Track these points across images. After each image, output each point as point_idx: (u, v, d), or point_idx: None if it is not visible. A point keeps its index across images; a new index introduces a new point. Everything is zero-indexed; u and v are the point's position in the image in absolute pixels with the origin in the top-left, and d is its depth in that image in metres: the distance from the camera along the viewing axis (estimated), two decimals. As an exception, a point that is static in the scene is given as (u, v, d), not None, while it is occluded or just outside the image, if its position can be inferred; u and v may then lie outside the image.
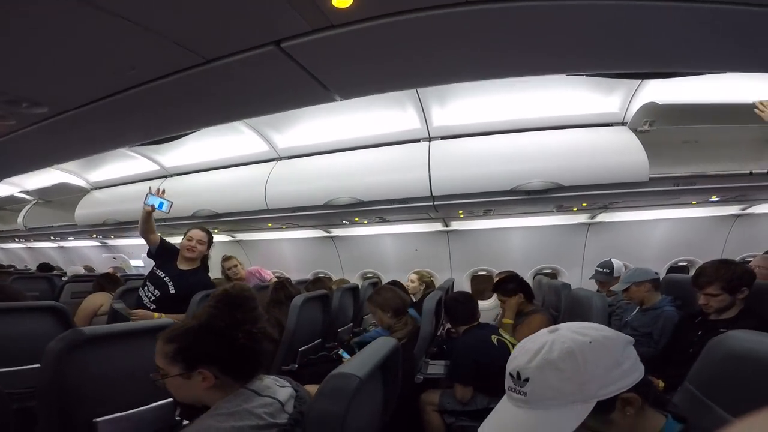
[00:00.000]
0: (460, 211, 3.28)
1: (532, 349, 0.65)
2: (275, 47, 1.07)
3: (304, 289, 2.77)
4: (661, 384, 1.51)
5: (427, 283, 3.63)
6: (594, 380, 0.60)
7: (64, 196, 4.91)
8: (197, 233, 2.45)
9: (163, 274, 2.36)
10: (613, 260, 2.83)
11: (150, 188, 2.38)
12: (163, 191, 2.42)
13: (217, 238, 4.89)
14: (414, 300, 3.18)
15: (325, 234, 4.44)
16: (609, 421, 0.63)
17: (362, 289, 3.49)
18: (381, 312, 2.17)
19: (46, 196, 5.11)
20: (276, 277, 3.79)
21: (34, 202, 5.34)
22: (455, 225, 3.91)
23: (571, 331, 0.65)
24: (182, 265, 2.42)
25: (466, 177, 2.75)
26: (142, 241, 5.24)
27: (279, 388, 0.96)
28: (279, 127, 3.33)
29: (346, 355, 2.34)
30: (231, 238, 4.93)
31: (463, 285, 4.11)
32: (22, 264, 7.38)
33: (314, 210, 3.20)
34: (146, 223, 2.43)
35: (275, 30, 1.01)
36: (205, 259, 2.54)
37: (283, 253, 4.90)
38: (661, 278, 2.26)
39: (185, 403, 1.03)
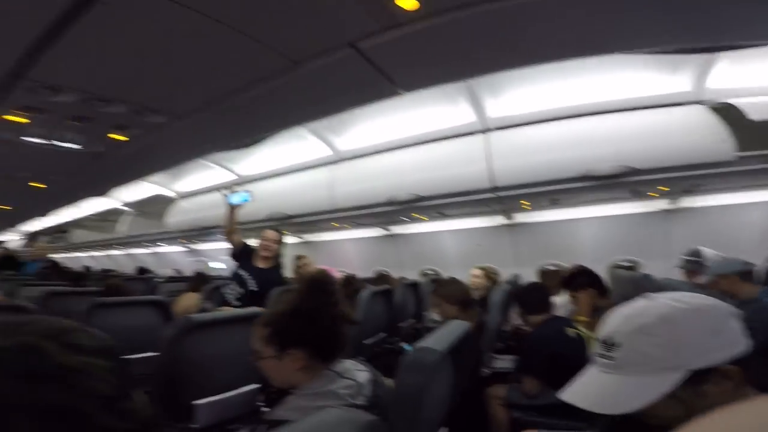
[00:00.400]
0: (524, 202, 3.20)
1: (625, 313, 0.63)
2: (350, 48, 1.17)
3: (369, 285, 2.89)
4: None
5: (492, 280, 3.56)
6: (688, 348, 0.58)
7: (155, 207, 5.56)
8: (270, 233, 2.66)
9: (245, 273, 2.59)
10: (702, 248, 2.58)
11: (226, 192, 2.63)
12: (236, 189, 2.65)
13: (286, 240, 5.24)
14: (476, 297, 3.15)
15: (385, 232, 4.55)
16: (702, 393, 0.58)
17: (423, 285, 3.54)
18: (446, 304, 2.18)
19: (141, 207, 5.82)
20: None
21: (133, 212, 6.10)
22: (519, 218, 3.80)
23: (669, 298, 0.62)
24: (260, 264, 2.64)
25: (530, 166, 2.68)
26: (221, 245, 5.74)
27: (357, 372, 1.01)
28: (338, 130, 3.49)
29: (408, 348, 2.42)
30: (299, 239, 5.23)
31: (529, 281, 3.97)
32: (122, 268, 8.45)
33: (376, 207, 3.31)
34: (231, 221, 2.67)
35: (350, 32, 1.11)
36: (278, 257, 2.74)
37: (346, 253, 5.10)
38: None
39: (277, 386, 1.12)
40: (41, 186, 2.63)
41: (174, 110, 1.51)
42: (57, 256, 7.44)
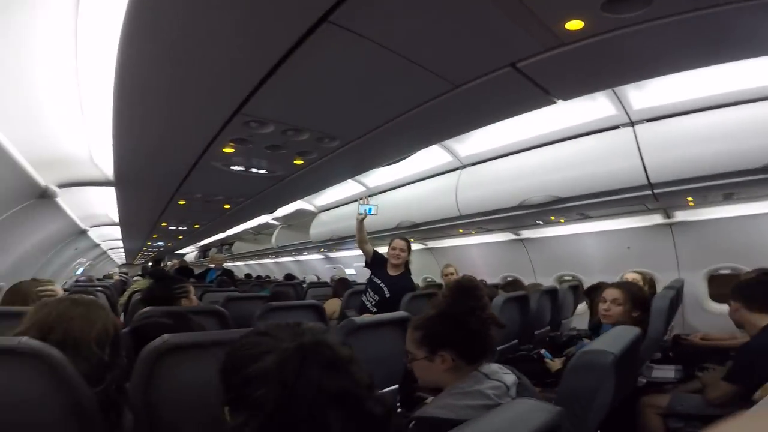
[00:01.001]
0: (689, 198, 2.76)
1: None
2: (511, 68, 1.23)
3: (500, 291, 2.84)
4: None
5: (651, 285, 3.15)
6: None
7: (300, 220, 6.39)
8: (399, 243, 2.87)
9: (379, 281, 2.84)
10: None
11: (359, 200, 2.91)
12: (368, 199, 2.92)
13: (413, 246, 5.46)
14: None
15: (513, 237, 4.39)
16: None
17: (561, 292, 3.32)
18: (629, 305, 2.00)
19: (288, 220, 6.74)
20: (470, 281, 3.97)
21: (281, 226, 7.11)
22: (681, 215, 3.27)
23: None
24: (391, 272, 2.86)
25: (697, 157, 2.33)
26: (354, 253, 6.25)
27: (504, 374, 1.02)
28: (460, 137, 3.53)
29: (548, 355, 2.36)
30: (423, 246, 5.40)
31: (697, 287, 3.37)
32: (272, 274, 9.87)
33: (507, 212, 3.24)
34: (360, 232, 2.95)
35: (511, 53, 1.17)
36: (407, 264, 2.92)
37: (472, 258, 5.06)
38: None
39: (424, 386, 1.20)
40: (228, 207, 3.30)
41: (347, 135, 1.75)
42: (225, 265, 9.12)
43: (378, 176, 4.56)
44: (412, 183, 4.27)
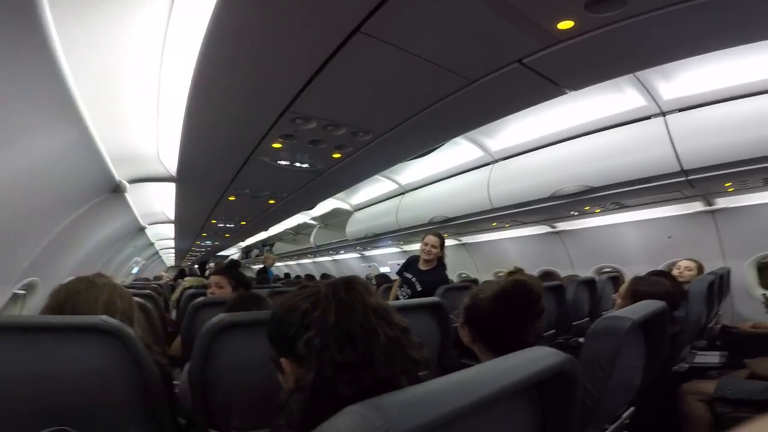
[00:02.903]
0: (727, 183, 2.72)
1: None
2: (518, 64, 1.37)
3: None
4: None
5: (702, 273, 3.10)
6: None
7: (336, 219, 6.63)
8: (430, 239, 3.00)
9: (411, 275, 2.99)
10: None
11: None
12: None
13: (447, 242, 5.54)
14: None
15: (549, 230, 4.39)
16: None
17: (600, 283, 3.30)
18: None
19: (325, 220, 7.01)
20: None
21: (319, 225, 7.40)
22: (723, 202, 3.18)
23: None
24: (422, 266, 3.00)
25: (731, 144, 2.34)
26: (388, 251, 6.36)
27: None
28: (490, 133, 3.62)
29: None
30: (457, 242, 5.47)
31: (745, 275, 3.25)
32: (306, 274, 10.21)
33: (540, 203, 3.29)
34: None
35: (516, 51, 1.32)
36: (441, 258, 3.04)
37: (507, 253, 5.07)
38: None
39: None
40: (272, 202, 3.55)
41: (378, 129, 1.92)
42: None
43: (410, 174, 4.70)
44: (444, 179, 4.39)
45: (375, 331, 0.63)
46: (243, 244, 10.42)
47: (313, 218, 7.06)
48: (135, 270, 9.02)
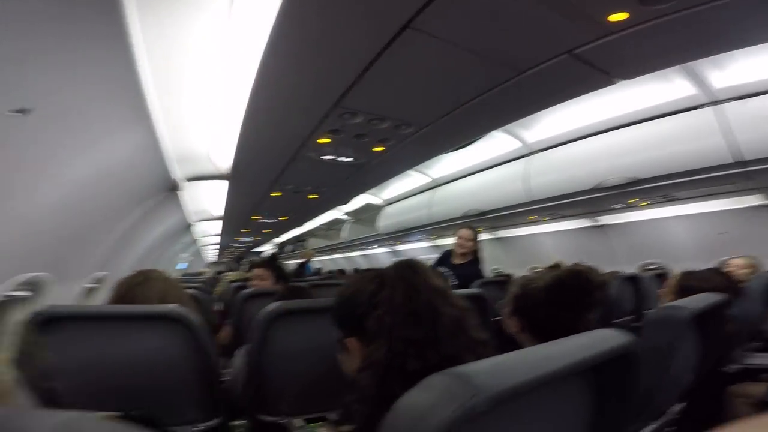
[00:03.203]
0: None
1: None
2: (568, 55, 1.38)
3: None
4: None
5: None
6: None
7: (367, 214, 6.71)
8: (465, 232, 3.00)
9: (446, 270, 2.99)
10: None
11: None
12: None
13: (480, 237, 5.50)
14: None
15: (591, 223, 4.26)
16: None
17: (645, 280, 3.18)
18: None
19: (357, 215, 7.11)
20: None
21: (351, 220, 7.52)
22: (787, 195, 2.99)
23: None
24: (457, 260, 3.00)
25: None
26: (419, 245, 6.35)
27: None
28: (527, 123, 3.55)
29: None
30: (492, 236, 5.41)
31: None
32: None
33: (582, 195, 3.21)
34: None
35: (566, 42, 1.32)
36: (475, 252, 3.03)
37: (543, 248, 4.97)
38: None
39: None
40: (313, 197, 3.67)
41: (421, 122, 1.96)
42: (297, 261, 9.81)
43: (441, 167, 4.68)
44: (477, 172, 4.34)
45: (438, 310, 0.65)
46: (277, 241, 10.73)
47: (346, 213, 7.18)
48: (182, 266, 9.43)
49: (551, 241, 4.85)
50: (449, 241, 5.79)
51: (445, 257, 3.17)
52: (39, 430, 0.27)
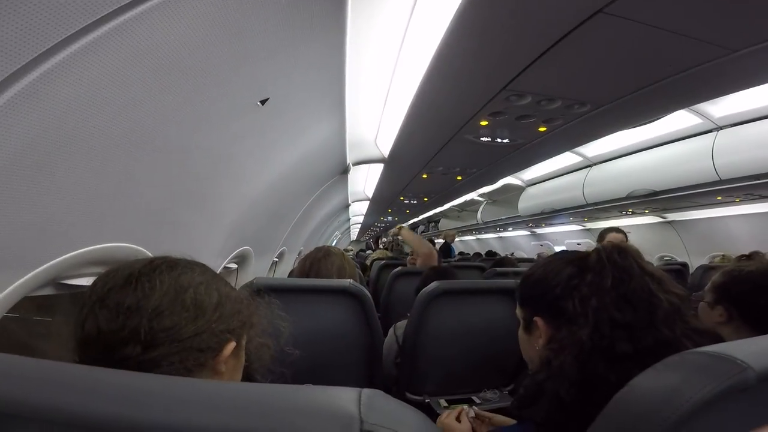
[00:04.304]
0: None
1: None
2: None
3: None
4: None
5: None
6: None
7: (505, 195, 6.54)
8: (615, 235, 2.68)
9: None
10: None
11: None
12: None
13: (640, 220, 4.86)
14: None
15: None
16: None
17: None
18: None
19: (493, 196, 6.98)
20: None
21: (486, 201, 7.44)
22: None
23: None
24: None
25: None
26: (565, 228, 5.91)
27: None
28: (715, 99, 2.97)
29: None
30: (661, 219, 4.73)
31: None
32: (474, 250, 10.37)
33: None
34: None
35: None
36: None
37: (730, 233, 4.14)
38: None
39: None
40: (460, 179, 3.80)
41: (599, 101, 1.87)
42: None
43: (597, 146, 4.26)
44: (644, 150, 3.83)
45: (656, 294, 0.64)
46: (412, 221, 11.27)
47: (481, 195, 7.11)
48: (334, 242, 10.65)
49: (741, 226, 4.02)
50: (605, 224, 5.26)
51: None
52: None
